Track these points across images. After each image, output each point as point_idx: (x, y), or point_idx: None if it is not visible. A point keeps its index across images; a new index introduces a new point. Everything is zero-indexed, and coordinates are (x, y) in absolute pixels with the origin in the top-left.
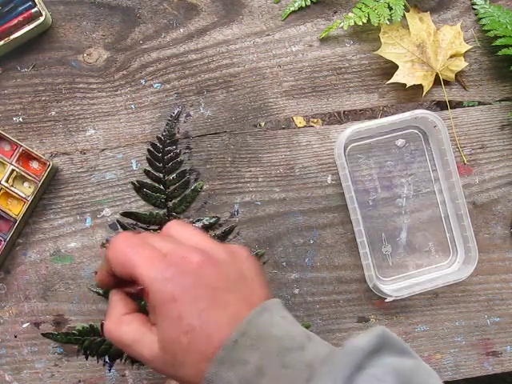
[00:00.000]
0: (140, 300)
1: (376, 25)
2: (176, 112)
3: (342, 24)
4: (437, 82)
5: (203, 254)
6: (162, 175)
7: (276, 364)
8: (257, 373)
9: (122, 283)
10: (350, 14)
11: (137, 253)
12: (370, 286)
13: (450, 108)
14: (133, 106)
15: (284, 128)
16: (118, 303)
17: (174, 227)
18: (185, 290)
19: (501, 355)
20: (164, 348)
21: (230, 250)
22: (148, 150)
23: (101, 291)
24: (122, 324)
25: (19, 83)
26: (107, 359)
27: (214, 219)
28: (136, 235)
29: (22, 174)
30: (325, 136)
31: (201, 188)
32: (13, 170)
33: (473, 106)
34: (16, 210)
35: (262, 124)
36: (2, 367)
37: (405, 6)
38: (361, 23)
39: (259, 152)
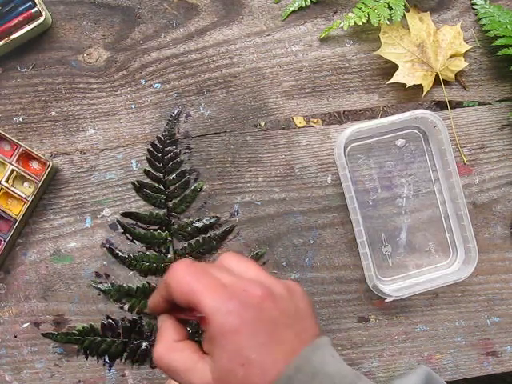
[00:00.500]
0: (189, 326)
1: (376, 25)
2: (176, 112)
3: (341, 24)
4: (437, 81)
5: (264, 288)
6: (162, 175)
7: None
8: None
9: (174, 309)
10: (350, 14)
11: (198, 281)
12: (370, 286)
13: (450, 108)
14: (133, 106)
15: (284, 128)
16: (169, 329)
17: (229, 259)
18: (246, 323)
19: (501, 355)
20: (218, 378)
21: (286, 285)
22: (148, 150)
23: (102, 288)
24: (174, 351)
25: (19, 83)
26: (107, 359)
27: (214, 219)
28: (196, 263)
29: (22, 174)
30: (325, 136)
31: (201, 188)
32: (13, 170)
33: (473, 105)
34: (16, 210)
35: (262, 124)
36: (2, 367)
37: (405, 5)
38: (361, 23)
39: (259, 152)
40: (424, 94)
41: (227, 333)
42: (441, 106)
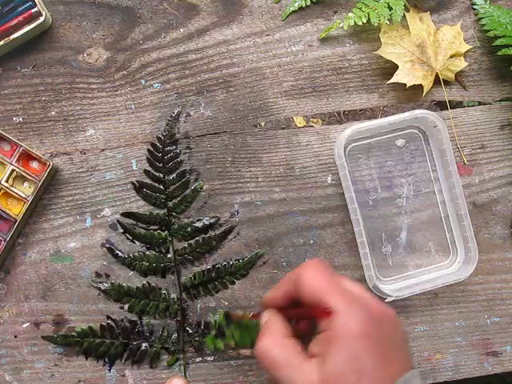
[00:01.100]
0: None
1: (376, 25)
2: (176, 112)
3: (342, 24)
4: (437, 82)
5: (385, 307)
6: (162, 175)
7: None
8: None
9: (289, 306)
10: (350, 14)
11: (330, 282)
12: (370, 286)
13: (450, 108)
14: (133, 106)
15: (284, 128)
16: (279, 324)
17: (346, 281)
18: (369, 334)
19: (501, 355)
20: (325, 380)
21: (394, 313)
22: (148, 150)
23: (102, 288)
24: (283, 346)
25: (19, 83)
26: (107, 359)
27: (214, 219)
28: (326, 264)
29: (22, 174)
30: (325, 136)
31: (201, 188)
32: (13, 170)
33: (473, 106)
34: (16, 210)
35: (262, 124)
36: (2, 367)
37: (405, 5)
38: (361, 23)
39: (259, 152)
40: (424, 94)
41: (349, 337)
42: (441, 106)
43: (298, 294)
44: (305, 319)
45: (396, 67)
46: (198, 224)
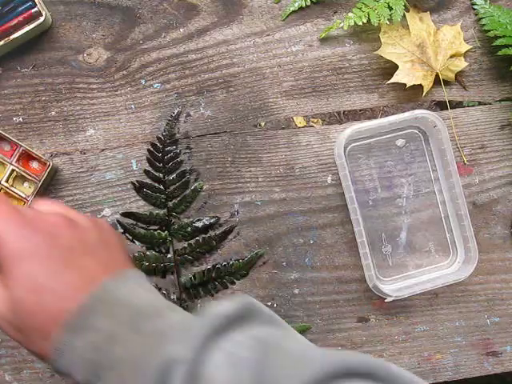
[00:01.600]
0: None
1: (376, 25)
2: (176, 112)
3: (342, 24)
4: (437, 82)
5: (62, 216)
6: (162, 175)
7: (128, 330)
8: (108, 339)
9: None
10: (350, 14)
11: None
12: (370, 286)
13: (450, 108)
14: (133, 106)
15: (284, 128)
16: None
17: (41, 203)
18: (38, 248)
19: (501, 355)
20: (12, 309)
21: (93, 219)
22: (148, 150)
23: None
24: None
25: (19, 83)
26: None
27: (214, 219)
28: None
29: (22, 174)
30: (325, 136)
31: (201, 188)
32: (13, 170)
33: (473, 106)
34: None
35: (262, 124)
36: (2, 367)
37: (405, 5)
38: (361, 23)
39: (259, 152)
40: (424, 94)
41: (18, 258)
42: (441, 105)
43: None
44: None
45: (396, 67)
46: (198, 224)
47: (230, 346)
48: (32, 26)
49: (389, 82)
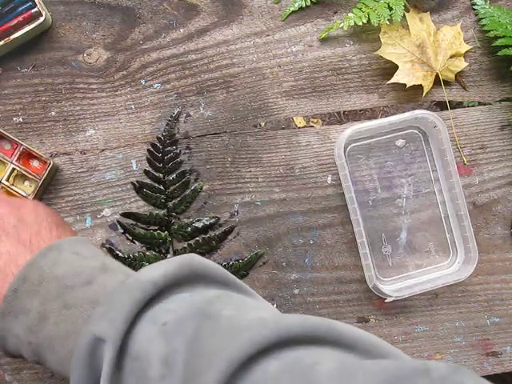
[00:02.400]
0: None
1: (376, 25)
2: (176, 112)
3: (342, 24)
4: (437, 82)
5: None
6: (161, 175)
7: (57, 306)
8: (39, 319)
9: None
10: (350, 14)
11: None
12: (370, 286)
13: (450, 108)
14: (133, 106)
15: (284, 128)
16: None
17: None
18: None
19: (501, 355)
20: None
21: (11, 200)
22: (148, 150)
23: None
24: None
25: (19, 83)
26: None
27: (214, 219)
28: None
29: (23, 172)
30: (325, 136)
31: (201, 188)
32: (13, 169)
33: (473, 106)
34: None
35: (262, 124)
36: (2, 367)
37: (405, 6)
38: (361, 23)
39: (259, 152)
40: (424, 94)
41: None
42: (441, 106)
43: None
44: None
45: (396, 67)
46: (198, 224)
47: (161, 317)
48: (32, 26)
49: (389, 82)
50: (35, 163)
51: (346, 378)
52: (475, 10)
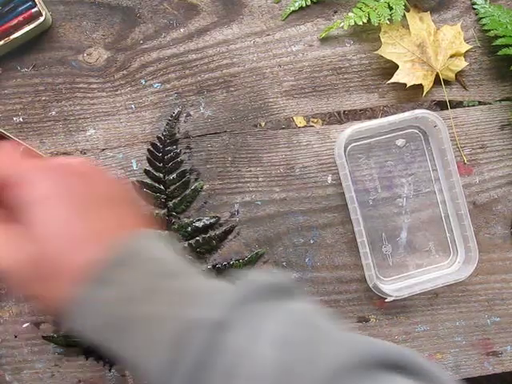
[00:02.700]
0: None
1: (376, 25)
2: (176, 112)
3: (342, 24)
4: (437, 81)
5: (86, 167)
6: (162, 175)
7: (155, 287)
8: (133, 296)
9: None
10: (350, 14)
11: (16, 159)
12: (371, 285)
13: (450, 108)
14: (133, 106)
15: (284, 128)
16: None
17: (65, 157)
18: (61, 194)
19: (501, 355)
20: (32, 258)
21: (112, 177)
22: (148, 149)
23: None
24: None
25: (19, 83)
26: (107, 359)
27: (214, 219)
28: (14, 149)
29: None
30: (325, 136)
31: (201, 188)
32: None
33: (473, 105)
34: None
35: (262, 124)
36: (2, 367)
37: (405, 5)
38: (361, 23)
39: (259, 152)
40: (424, 93)
41: (40, 202)
42: (441, 105)
43: None
44: None
45: (396, 67)
46: (199, 224)
47: (270, 315)
48: (32, 26)
49: (389, 81)
50: None
51: None
52: (475, 9)
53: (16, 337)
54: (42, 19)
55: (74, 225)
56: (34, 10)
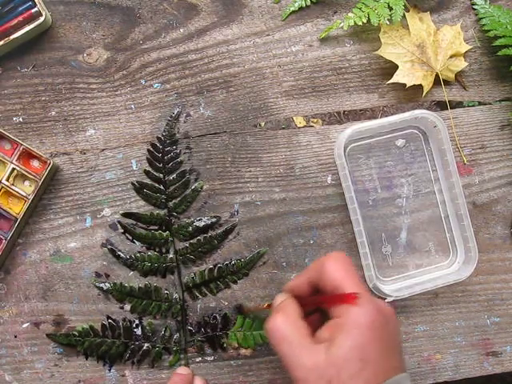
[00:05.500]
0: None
1: (376, 25)
2: (176, 112)
3: (342, 24)
4: (437, 81)
5: (389, 309)
6: (162, 175)
7: None
8: None
9: (308, 294)
10: (350, 14)
11: (352, 274)
12: (370, 286)
13: (450, 108)
14: (133, 106)
15: (284, 128)
16: (294, 306)
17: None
18: (377, 328)
19: (501, 355)
20: (331, 363)
21: (394, 314)
22: (148, 150)
23: (105, 287)
24: (296, 326)
25: (19, 83)
26: (107, 359)
27: (214, 219)
28: (347, 259)
29: (23, 172)
30: (325, 136)
31: (201, 188)
32: (13, 169)
33: (473, 105)
34: (17, 209)
35: (262, 124)
36: (2, 367)
37: (405, 6)
38: (361, 23)
39: (259, 152)
40: (424, 94)
41: (358, 326)
42: (441, 106)
43: (321, 280)
44: (317, 312)
45: (396, 67)
46: (199, 223)
47: None
48: (32, 26)
49: (389, 82)
50: (35, 163)
51: None
52: (475, 9)
53: (16, 337)
54: (41, 19)
55: (377, 354)
56: (33, 10)
